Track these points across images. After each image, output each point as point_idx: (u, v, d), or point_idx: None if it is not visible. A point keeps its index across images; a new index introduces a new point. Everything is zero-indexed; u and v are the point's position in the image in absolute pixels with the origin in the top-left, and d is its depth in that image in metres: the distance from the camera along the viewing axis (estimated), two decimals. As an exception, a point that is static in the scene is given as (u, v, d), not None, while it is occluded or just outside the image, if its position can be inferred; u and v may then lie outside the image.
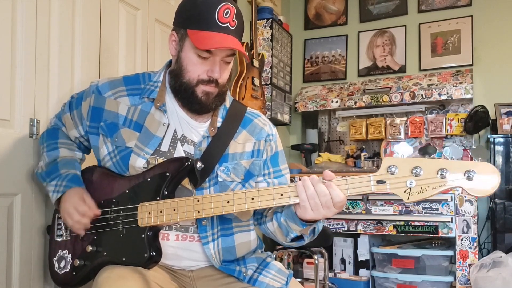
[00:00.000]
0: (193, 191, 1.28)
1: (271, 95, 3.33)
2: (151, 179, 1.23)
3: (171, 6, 2.31)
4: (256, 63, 3.12)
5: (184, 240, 1.27)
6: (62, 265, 1.33)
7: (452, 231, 2.76)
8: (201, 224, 1.26)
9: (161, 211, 1.18)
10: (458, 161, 1.00)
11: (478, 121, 3.14)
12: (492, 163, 3.01)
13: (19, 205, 1.50)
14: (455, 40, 3.49)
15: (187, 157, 1.25)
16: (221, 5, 1.21)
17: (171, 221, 1.18)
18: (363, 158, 3.45)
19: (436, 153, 3.22)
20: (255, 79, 3.05)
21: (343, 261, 3.22)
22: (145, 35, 2.14)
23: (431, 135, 3.35)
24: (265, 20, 3.37)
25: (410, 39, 3.65)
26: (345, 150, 3.68)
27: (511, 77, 3.34)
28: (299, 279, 3.11)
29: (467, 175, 0.98)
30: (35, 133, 1.56)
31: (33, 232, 1.54)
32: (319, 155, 3.61)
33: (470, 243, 2.71)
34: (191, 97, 1.27)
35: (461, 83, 3.21)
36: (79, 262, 1.28)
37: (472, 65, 3.42)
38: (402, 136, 3.42)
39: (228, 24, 1.22)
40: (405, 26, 3.67)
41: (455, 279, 2.75)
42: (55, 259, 1.35)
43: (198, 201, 1.16)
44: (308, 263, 3.22)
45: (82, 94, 1.41)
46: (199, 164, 1.21)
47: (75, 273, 1.30)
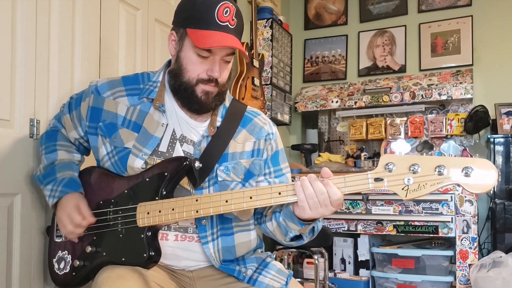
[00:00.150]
0: (192, 191, 1.27)
1: (271, 95, 3.33)
2: (149, 179, 1.23)
3: (171, 6, 2.31)
4: (256, 63, 3.12)
5: (183, 240, 1.27)
6: (62, 266, 1.33)
7: (452, 231, 2.76)
8: (200, 224, 1.26)
9: (159, 211, 1.18)
10: (456, 158, 1.00)
11: (478, 121, 3.14)
12: (492, 163, 3.00)
13: (19, 205, 1.50)
14: (455, 40, 3.49)
15: (185, 156, 1.25)
16: (220, 4, 1.21)
17: (170, 221, 1.18)
18: (363, 158, 3.45)
19: (433, 149, 3.21)
20: (255, 79, 3.05)
21: (343, 261, 3.22)
22: (145, 35, 2.14)
23: (431, 135, 3.35)
24: (265, 20, 3.37)
25: (410, 39, 3.65)
26: (345, 150, 3.68)
27: (511, 77, 3.34)
28: (299, 279, 3.11)
29: (464, 171, 0.97)
30: (35, 133, 1.56)
31: (33, 232, 1.55)
32: (319, 155, 3.61)
33: (470, 243, 2.71)
34: (190, 96, 1.27)
35: (461, 83, 3.21)
36: (78, 262, 1.28)
37: (472, 65, 3.42)
38: (402, 136, 3.42)
39: (227, 23, 1.21)
40: (405, 26, 3.67)
41: (455, 279, 2.75)
42: (54, 260, 1.35)
43: (196, 200, 1.16)
44: (308, 263, 3.22)
45: (81, 94, 1.41)
46: (197, 163, 1.21)
47: (75, 274, 1.30)
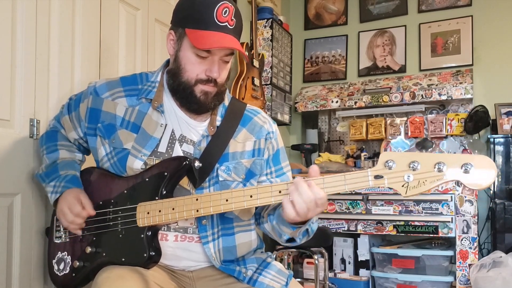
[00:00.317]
0: (192, 191, 1.27)
1: (271, 95, 3.33)
2: (149, 179, 1.23)
3: (171, 6, 2.30)
4: (256, 63, 3.12)
5: (183, 240, 1.27)
6: (61, 267, 1.33)
7: (452, 231, 2.76)
8: (200, 223, 1.26)
9: (160, 211, 1.18)
10: (455, 155, 1.01)
11: (478, 121, 3.14)
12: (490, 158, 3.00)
13: (19, 205, 1.51)
14: (455, 40, 3.49)
15: (185, 156, 1.25)
16: (219, 4, 1.20)
17: (170, 220, 1.18)
18: (363, 158, 3.45)
19: (433, 146, 3.21)
20: (255, 79, 3.05)
21: (343, 261, 3.22)
22: (145, 35, 2.14)
23: (431, 135, 3.34)
24: (265, 20, 3.37)
25: (410, 39, 3.65)
26: (345, 150, 3.68)
27: (511, 77, 3.34)
28: (299, 279, 3.11)
29: (464, 168, 0.98)
30: (35, 133, 1.56)
31: (33, 232, 1.55)
32: (319, 155, 3.61)
33: (470, 243, 2.71)
34: (189, 96, 1.26)
35: (461, 83, 3.21)
36: (78, 263, 1.28)
37: (472, 65, 3.42)
38: (402, 136, 3.42)
39: (226, 23, 1.21)
40: (405, 26, 3.67)
41: (455, 279, 2.75)
42: (54, 261, 1.35)
43: (197, 199, 1.16)
44: (308, 263, 3.22)
45: (80, 95, 1.41)
46: (197, 163, 1.21)
47: (74, 275, 1.30)
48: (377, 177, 1.04)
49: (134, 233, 1.21)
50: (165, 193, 1.21)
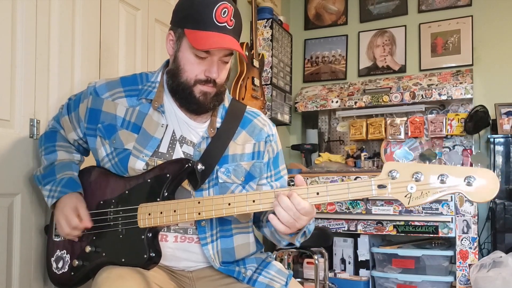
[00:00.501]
0: (192, 192, 1.27)
1: (271, 95, 3.33)
2: (151, 180, 1.22)
3: (171, 6, 2.30)
4: (256, 63, 3.12)
5: (183, 241, 1.27)
6: (60, 265, 1.32)
7: (452, 231, 2.76)
8: (200, 225, 1.26)
9: (161, 212, 1.18)
10: (458, 167, 1.01)
11: (478, 121, 3.14)
12: (492, 163, 3.01)
13: (19, 205, 1.50)
14: (455, 40, 3.49)
15: (187, 158, 1.25)
16: (218, 4, 1.19)
17: (171, 222, 1.18)
18: (363, 158, 3.45)
19: (436, 157, 3.21)
20: (255, 79, 3.05)
21: (343, 261, 3.22)
22: (145, 35, 2.14)
23: (431, 135, 3.35)
24: (265, 20, 3.36)
25: (410, 39, 3.65)
26: (345, 150, 3.68)
27: (511, 77, 3.34)
28: (299, 279, 3.11)
29: (467, 181, 0.99)
30: (35, 133, 1.56)
31: (33, 232, 1.54)
32: (319, 155, 3.61)
33: (470, 243, 2.71)
34: (188, 97, 1.26)
35: (461, 83, 3.21)
36: (77, 262, 1.28)
37: (472, 65, 3.42)
38: (402, 136, 3.42)
39: (225, 23, 1.21)
40: (405, 26, 3.67)
41: (455, 279, 2.75)
42: (53, 259, 1.34)
43: (199, 202, 1.16)
44: (308, 263, 3.22)
45: (79, 96, 1.41)
46: (199, 166, 1.21)
47: (73, 274, 1.30)
48: (380, 186, 1.05)
49: (134, 234, 1.21)
50: (166, 194, 1.20)
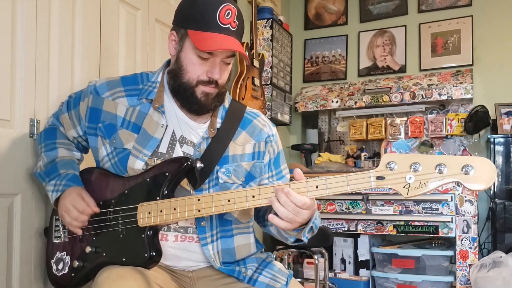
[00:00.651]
0: (191, 192, 1.27)
1: (271, 95, 3.33)
2: (150, 179, 1.22)
3: (171, 6, 2.31)
4: (256, 63, 3.12)
5: (183, 240, 1.27)
6: (60, 266, 1.32)
7: (452, 231, 2.76)
8: (200, 225, 1.26)
9: (161, 211, 1.18)
10: (455, 156, 1.03)
11: (478, 121, 3.14)
12: (492, 162, 3.00)
13: (19, 205, 1.50)
14: (455, 40, 3.49)
15: (186, 157, 1.25)
16: (222, 6, 1.20)
17: (172, 220, 1.18)
18: (363, 158, 3.45)
19: (433, 148, 3.22)
20: (255, 79, 3.05)
21: (343, 261, 3.22)
22: (145, 35, 2.14)
23: (431, 135, 3.35)
24: (265, 20, 3.37)
25: (410, 39, 3.65)
26: (345, 150, 3.68)
27: (511, 77, 3.34)
28: (299, 279, 3.11)
29: (464, 170, 1.00)
30: (35, 133, 1.56)
31: (33, 232, 1.54)
32: (319, 155, 3.61)
33: (470, 243, 2.71)
34: (190, 97, 1.26)
35: (461, 83, 3.21)
36: (78, 263, 1.28)
37: (472, 65, 3.42)
38: (402, 136, 3.42)
39: (229, 25, 1.21)
40: (405, 26, 3.67)
41: (455, 279, 2.75)
42: (53, 261, 1.34)
43: (198, 200, 1.16)
44: (308, 263, 3.22)
45: (80, 94, 1.41)
46: (198, 164, 1.21)
47: (73, 275, 1.30)
48: (379, 178, 1.05)
49: (134, 233, 1.21)
50: (166, 193, 1.20)
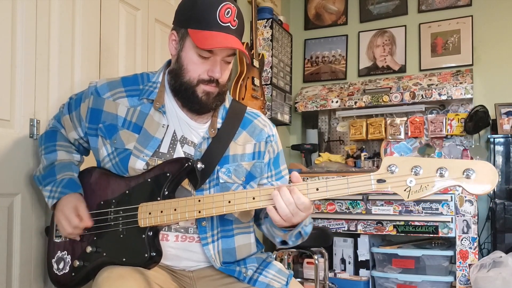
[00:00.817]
0: (192, 192, 1.27)
1: (271, 95, 3.33)
2: (151, 179, 1.23)
3: (171, 6, 2.31)
4: (256, 63, 3.12)
5: (183, 240, 1.27)
6: (61, 266, 1.32)
7: (452, 231, 2.76)
8: (200, 225, 1.26)
9: (161, 211, 1.18)
10: (457, 160, 1.02)
11: (478, 121, 3.14)
12: (492, 163, 3.01)
13: (19, 205, 1.50)
14: (455, 40, 3.49)
15: (187, 157, 1.25)
16: (222, 5, 1.20)
17: (172, 221, 1.18)
18: (363, 158, 3.45)
19: (435, 152, 3.22)
20: (255, 79, 3.05)
21: (343, 261, 3.22)
22: (145, 35, 2.14)
23: (431, 135, 3.35)
24: (265, 20, 3.37)
25: (410, 39, 3.65)
26: (345, 150, 3.68)
27: (511, 77, 3.34)
28: (299, 279, 3.11)
29: (466, 173, 0.99)
30: (35, 133, 1.56)
31: (33, 232, 1.54)
32: (319, 155, 3.61)
33: (470, 243, 2.71)
34: (191, 97, 1.26)
35: (461, 83, 3.21)
36: (78, 263, 1.28)
37: (472, 65, 3.42)
38: (402, 136, 3.42)
39: (229, 23, 1.21)
40: (405, 26, 3.67)
41: (455, 279, 2.75)
42: (53, 261, 1.34)
43: (199, 201, 1.16)
44: (308, 263, 3.22)
45: (80, 95, 1.41)
46: (199, 164, 1.21)
47: (74, 274, 1.30)
48: (379, 181, 1.05)
49: (135, 233, 1.21)
50: (167, 193, 1.21)
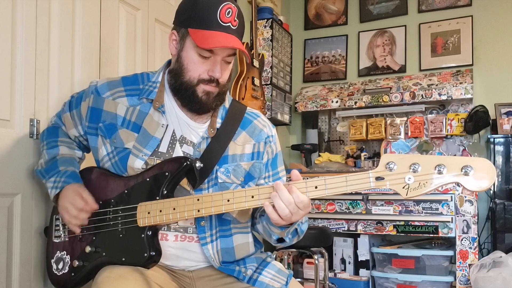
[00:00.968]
0: (191, 192, 1.27)
1: (271, 95, 3.33)
2: (150, 179, 1.23)
3: (171, 6, 2.31)
4: (256, 63, 3.12)
5: (183, 240, 1.27)
6: (60, 266, 1.32)
7: (452, 231, 2.76)
8: (199, 225, 1.26)
9: (160, 211, 1.18)
10: (455, 157, 1.02)
11: (478, 121, 3.14)
12: (492, 163, 3.00)
13: (19, 205, 1.50)
14: (455, 40, 3.49)
15: (186, 156, 1.26)
16: (223, 5, 1.21)
17: (171, 220, 1.18)
18: (363, 158, 3.45)
19: (433, 149, 3.22)
20: (255, 79, 3.05)
21: (343, 261, 3.22)
22: (145, 35, 2.14)
23: (431, 135, 3.35)
24: (265, 20, 3.37)
25: (410, 39, 3.65)
26: (345, 150, 3.68)
27: (511, 77, 3.34)
28: (299, 279, 3.11)
29: (464, 170, 0.99)
30: (35, 133, 1.56)
31: (33, 232, 1.54)
32: (319, 155, 3.61)
33: (470, 243, 2.71)
34: (191, 96, 1.27)
35: (461, 83, 3.21)
36: (77, 263, 1.28)
37: (472, 65, 3.42)
38: (402, 136, 3.42)
39: (229, 23, 1.22)
40: (405, 26, 3.67)
41: (455, 279, 2.75)
42: (53, 261, 1.34)
43: (198, 200, 1.16)
44: (308, 263, 3.22)
45: (81, 94, 1.41)
46: (198, 163, 1.21)
47: (73, 274, 1.30)
48: (378, 178, 1.05)
49: (134, 233, 1.21)
50: (166, 193, 1.21)
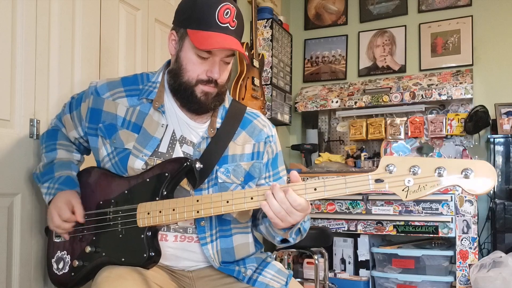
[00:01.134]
0: (191, 192, 1.27)
1: (271, 95, 3.33)
2: (150, 179, 1.23)
3: (171, 6, 2.31)
4: (256, 63, 3.12)
5: (182, 240, 1.27)
6: (60, 266, 1.32)
7: (452, 231, 2.76)
8: (199, 225, 1.26)
9: (160, 211, 1.18)
10: (455, 160, 1.01)
11: (478, 121, 3.14)
12: (492, 163, 3.01)
13: (19, 205, 1.50)
14: (455, 40, 3.49)
15: (186, 157, 1.26)
16: (221, 5, 1.20)
17: (170, 221, 1.18)
18: (363, 158, 3.45)
19: (433, 151, 3.22)
20: (255, 79, 3.05)
21: (343, 261, 3.22)
22: (145, 35, 2.14)
23: (431, 135, 3.35)
24: (265, 20, 3.37)
25: (410, 39, 3.65)
26: (345, 150, 3.68)
27: (511, 77, 3.34)
28: (299, 279, 3.11)
29: (464, 173, 0.98)
30: (35, 133, 1.56)
31: (33, 232, 1.54)
32: (319, 155, 3.61)
33: (470, 243, 2.71)
34: (190, 97, 1.27)
35: (461, 83, 3.21)
36: (78, 263, 1.28)
37: (472, 65, 3.42)
38: (402, 136, 3.42)
39: (228, 24, 1.21)
40: (405, 26, 3.67)
41: (455, 279, 2.75)
42: (53, 260, 1.34)
43: (197, 201, 1.16)
44: (308, 263, 3.22)
45: (81, 95, 1.41)
46: (198, 164, 1.21)
47: (73, 274, 1.30)
48: (377, 180, 1.05)
49: (134, 233, 1.21)
50: (165, 193, 1.21)
